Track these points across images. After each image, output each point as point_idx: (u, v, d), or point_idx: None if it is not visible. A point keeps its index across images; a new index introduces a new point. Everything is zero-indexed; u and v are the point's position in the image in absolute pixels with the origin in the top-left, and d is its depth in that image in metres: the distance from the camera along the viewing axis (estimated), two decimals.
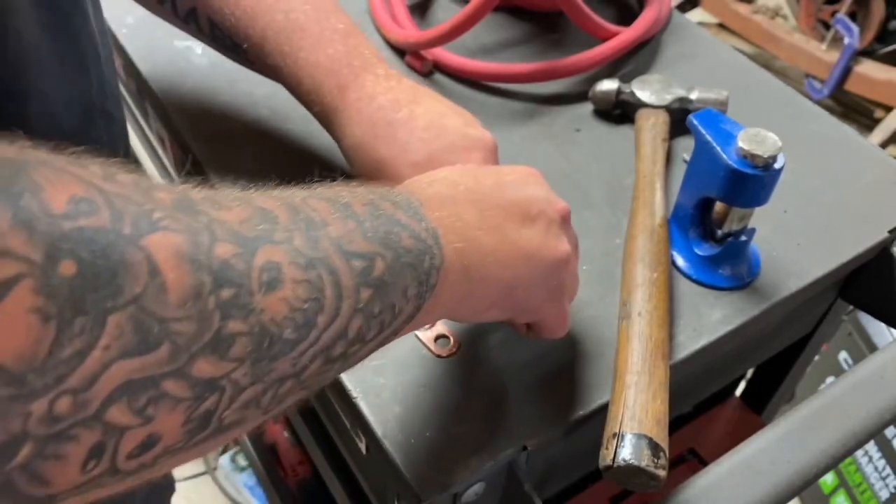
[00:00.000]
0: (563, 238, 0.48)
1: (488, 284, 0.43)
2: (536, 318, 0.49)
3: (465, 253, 0.41)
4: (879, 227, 0.69)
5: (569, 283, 0.49)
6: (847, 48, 2.32)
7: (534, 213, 0.46)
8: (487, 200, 0.44)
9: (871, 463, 1.41)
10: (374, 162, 0.55)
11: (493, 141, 0.55)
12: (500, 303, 0.45)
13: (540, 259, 0.45)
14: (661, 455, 0.47)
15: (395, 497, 0.55)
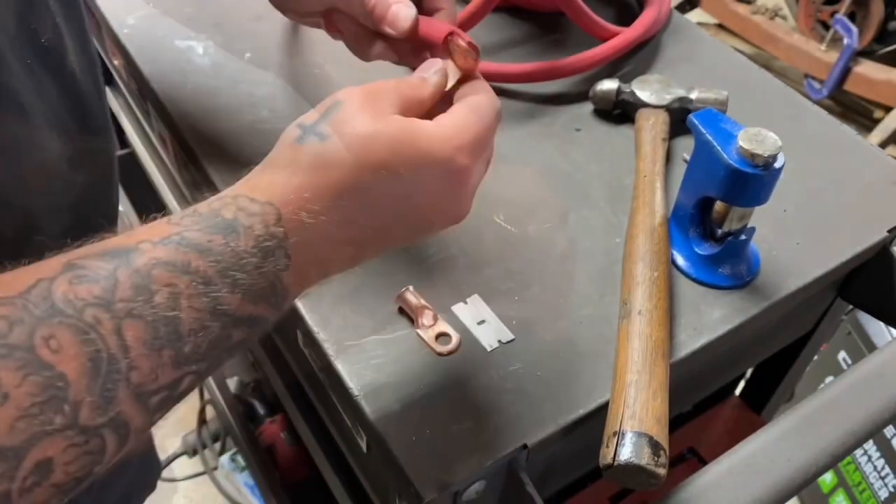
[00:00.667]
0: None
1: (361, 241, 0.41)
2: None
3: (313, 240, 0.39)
4: (878, 226, 0.69)
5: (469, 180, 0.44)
6: (846, 48, 2.33)
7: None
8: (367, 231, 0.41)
9: (870, 462, 1.41)
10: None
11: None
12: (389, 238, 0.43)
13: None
14: (662, 454, 0.47)
15: (396, 495, 0.55)
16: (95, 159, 0.53)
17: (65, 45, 0.48)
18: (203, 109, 0.74)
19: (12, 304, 0.29)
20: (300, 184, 0.38)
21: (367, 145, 0.39)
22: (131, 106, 1.05)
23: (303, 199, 0.37)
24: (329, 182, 0.38)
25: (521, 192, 0.70)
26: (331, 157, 0.38)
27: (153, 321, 0.32)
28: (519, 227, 0.66)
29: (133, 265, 0.32)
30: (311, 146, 0.39)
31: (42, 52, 0.46)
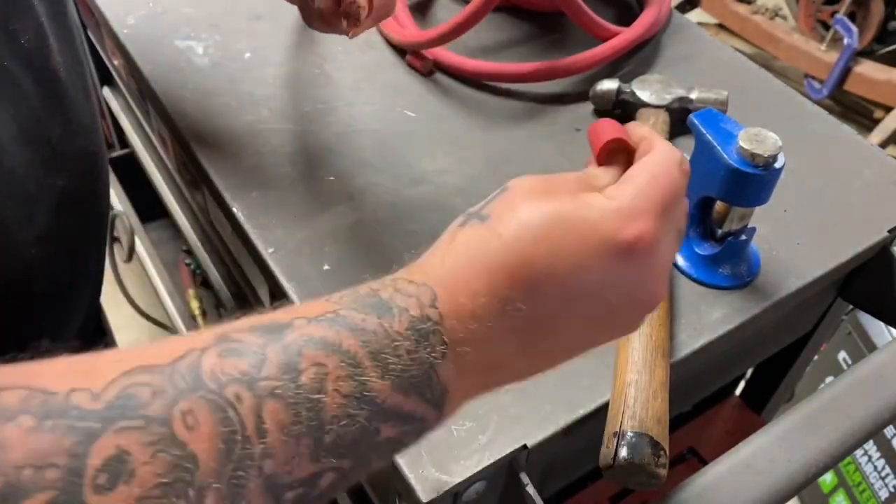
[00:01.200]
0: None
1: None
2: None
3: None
4: (879, 226, 0.69)
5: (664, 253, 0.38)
6: (846, 48, 2.32)
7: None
8: (545, 333, 0.36)
9: (870, 462, 1.41)
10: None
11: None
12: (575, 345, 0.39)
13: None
14: (662, 454, 0.47)
15: (397, 496, 0.55)
16: (79, 162, 0.51)
17: (49, 45, 0.47)
18: (203, 109, 0.74)
19: (161, 373, 0.28)
20: (455, 263, 0.35)
21: (526, 221, 0.35)
22: (131, 106, 1.05)
23: (458, 280, 0.35)
24: (485, 260, 0.35)
25: None
26: (488, 235, 0.35)
27: (295, 403, 0.29)
28: None
29: (283, 341, 0.31)
30: (471, 228, 0.36)
31: (22, 52, 0.45)
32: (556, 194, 0.37)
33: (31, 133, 0.45)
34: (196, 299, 1.43)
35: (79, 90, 0.51)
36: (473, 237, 0.36)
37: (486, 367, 0.35)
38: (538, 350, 0.37)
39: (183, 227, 1.09)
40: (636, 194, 0.36)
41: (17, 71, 0.44)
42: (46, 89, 0.46)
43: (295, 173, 0.69)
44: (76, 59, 0.52)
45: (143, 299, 1.64)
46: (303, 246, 0.63)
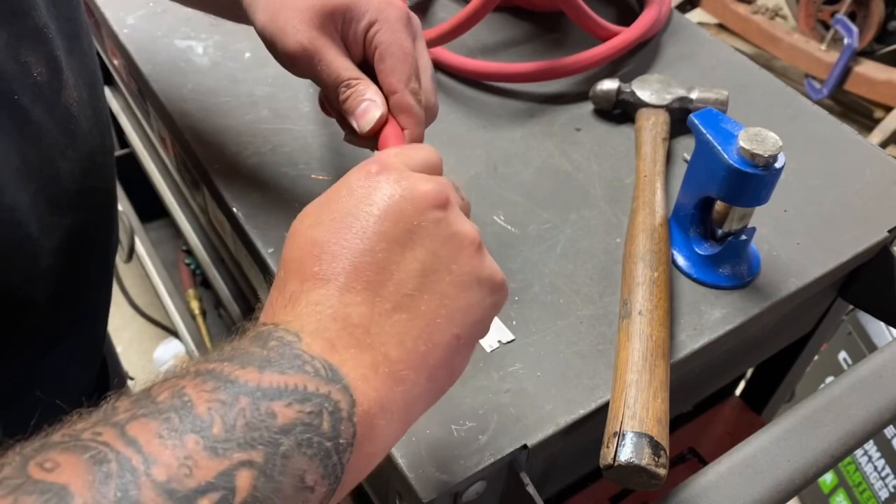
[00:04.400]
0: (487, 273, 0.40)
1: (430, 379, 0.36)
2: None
3: (385, 377, 0.34)
4: (879, 226, 0.69)
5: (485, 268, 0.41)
6: (846, 48, 2.32)
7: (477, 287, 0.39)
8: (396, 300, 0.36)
9: (870, 462, 1.41)
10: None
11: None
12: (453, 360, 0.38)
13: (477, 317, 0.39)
14: (662, 454, 0.47)
15: (397, 496, 0.55)
16: (89, 199, 0.50)
17: (63, 79, 0.46)
18: (203, 109, 0.74)
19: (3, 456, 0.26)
20: (269, 300, 0.37)
21: (296, 224, 0.38)
22: (131, 106, 1.05)
23: (271, 305, 0.36)
24: (284, 267, 0.37)
25: (521, 192, 0.69)
26: (284, 253, 0.38)
27: (159, 411, 0.28)
28: (519, 227, 0.66)
29: (132, 396, 0.29)
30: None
31: (35, 86, 0.43)
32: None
33: (36, 169, 0.43)
34: (196, 299, 1.43)
35: (93, 125, 0.49)
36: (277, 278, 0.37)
37: (354, 336, 0.34)
38: (392, 299, 0.36)
39: (183, 227, 1.09)
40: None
41: (27, 104, 0.42)
42: (58, 124, 0.45)
43: (295, 173, 0.69)
44: (93, 93, 0.50)
45: (143, 299, 1.64)
46: None
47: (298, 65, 0.52)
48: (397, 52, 0.50)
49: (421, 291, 0.36)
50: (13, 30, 0.42)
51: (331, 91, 0.51)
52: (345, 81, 0.50)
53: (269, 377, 0.30)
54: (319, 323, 0.34)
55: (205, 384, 0.29)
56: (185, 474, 0.26)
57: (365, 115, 0.50)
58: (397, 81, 0.50)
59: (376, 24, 0.51)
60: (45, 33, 0.44)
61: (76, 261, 0.49)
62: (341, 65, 0.51)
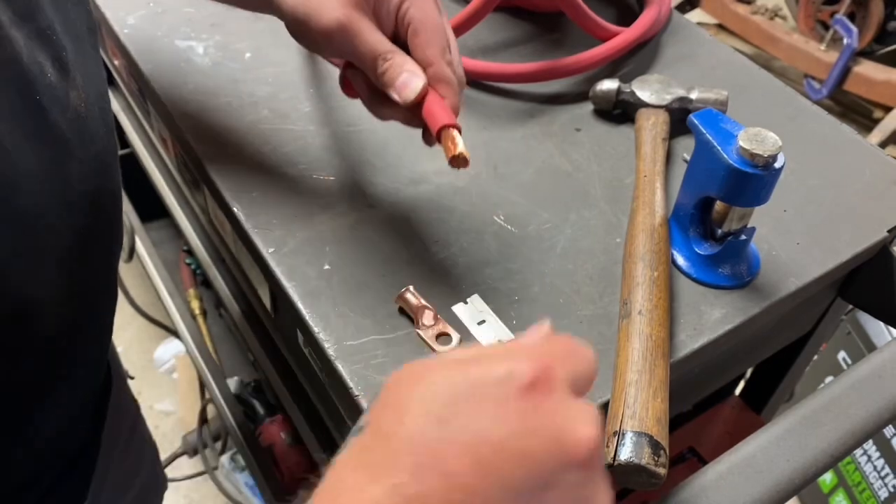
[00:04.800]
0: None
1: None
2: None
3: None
4: (878, 226, 0.69)
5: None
6: (846, 49, 2.33)
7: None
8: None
9: (869, 462, 1.41)
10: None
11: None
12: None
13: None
14: (662, 453, 0.47)
15: None
16: (97, 200, 0.49)
17: (71, 79, 0.46)
18: (203, 109, 0.74)
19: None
20: (337, 475, 0.30)
21: (406, 379, 0.31)
22: (131, 106, 1.05)
23: (344, 490, 0.28)
24: (370, 453, 0.29)
25: (521, 192, 0.70)
26: (371, 426, 0.30)
27: None
28: (519, 227, 0.67)
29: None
30: (349, 444, 0.31)
31: (49, 87, 0.43)
32: (441, 366, 0.31)
33: (49, 171, 0.43)
34: (196, 299, 1.43)
35: (99, 126, 0.50)
36: (352, 448, 0.30)
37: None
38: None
39: (183, 227, 1.09)
40: (535, 341, 0.33)
41: (46, 105, 0.43)
42: (69, 125, 0.45)
43: (295, 173, 0.69)
44: (99, 94, 0.51)
45: (144, 299, 1.64)
46: (303, 246, 0.63)
47: (333, 41, 0.53)
48: (431, 26, 0.52)
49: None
50: (25, 31, 0.42)
51: (368, 65, 0.52)
52: (381, 55, 0.52)
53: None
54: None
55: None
56: None
57: (407, 85, 0.51)
58: (433, 54, 0.52)
59: (407, 1, 0.53)
60: (50, 35, 0.44)
61: (83, 262, 0.49)
62: (378, 39, 0.52)
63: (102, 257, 0.54)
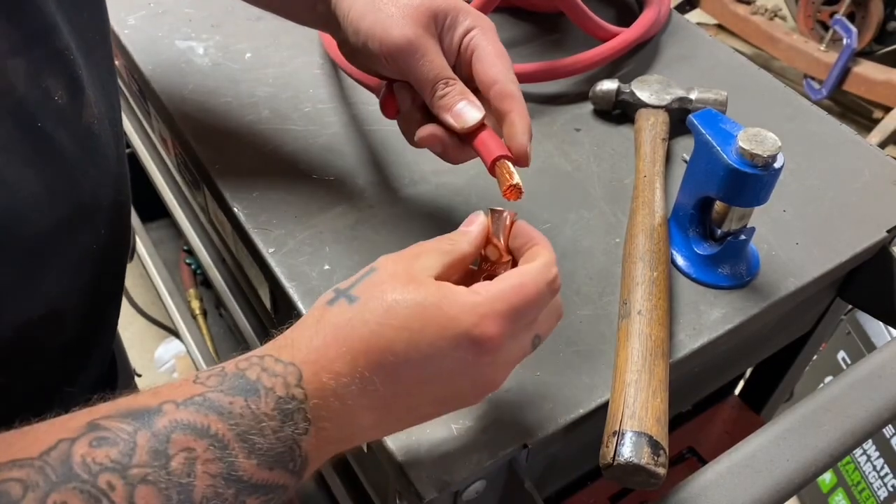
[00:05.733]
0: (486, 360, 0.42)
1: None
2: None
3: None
4: (878, 226, 0.69)
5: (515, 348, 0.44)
6: (846, 49, 2.33)
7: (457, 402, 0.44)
8: (400, 405, 0.40)
9: (869, 462, 1.41)
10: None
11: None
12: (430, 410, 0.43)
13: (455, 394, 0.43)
14: (661, 453, 0.47)
15: (397, 495, 0.55)
16: (107, 213, 0.49)
17: (84, 98, 0.46)
18: (203, 109, 0.74)
19: (30, 467, 0.29)
20: (322, 343, 0.38)
21: (390, 308, 0.38)
22: (131, 106, 1.05)
23: (324, 360, 0.37)
24: (350, 343, 0.38)
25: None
26: (355, 318, 0.38)
27: (166, 488, 0.31)
28: None
29: (153, 428, 0.32)
30: (339, 307, 0.39)
31: (56, 109, 0.43)
32: (422, 282, 0.40)
33: (61, 192, 0.44)
34: (196, 299, 1.44)
35: (109, 137, 0.49)
36: (341, 318, 0.39)
37: (343, 438, 0.39)
38: (390, 421, 0.41)
39: (183, 227, 1.09)
40: (497, 297, 0.40)
41: (49, 129, 0.43)
42: (79, 144, 0.45)
43: (295, 173, 0.69)
44: (110, 104, 0.51)
45: (144, 299, 1.64)
46: (303, 246, 0.63)
47: (398, 59, 0.53)
48: (496, 52, 0.53)
49: (426, 406, 0.42)
50: (34, 55, 0.41)
51: (427, 87, 0.53)
52: (444, 79, 0.52)
53: (260, 473, 0.34)
54: (332, 427, 0.37)
55: (213, 463, 0.33)
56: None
57: (464, 112, 0.52)
58: (498, 73, 0.52)
59: (474, 30, 0.54)
60: (67, 55, 0.44)
61: (91, 275, 0.49)
62: (442, 63, 0.53)
63: (114, 265, 0.54)
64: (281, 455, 0.35)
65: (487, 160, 0.51)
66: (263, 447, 0.34)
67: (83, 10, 0.47)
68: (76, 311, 0.48)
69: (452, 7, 0.53)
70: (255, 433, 0.34)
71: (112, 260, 0.53)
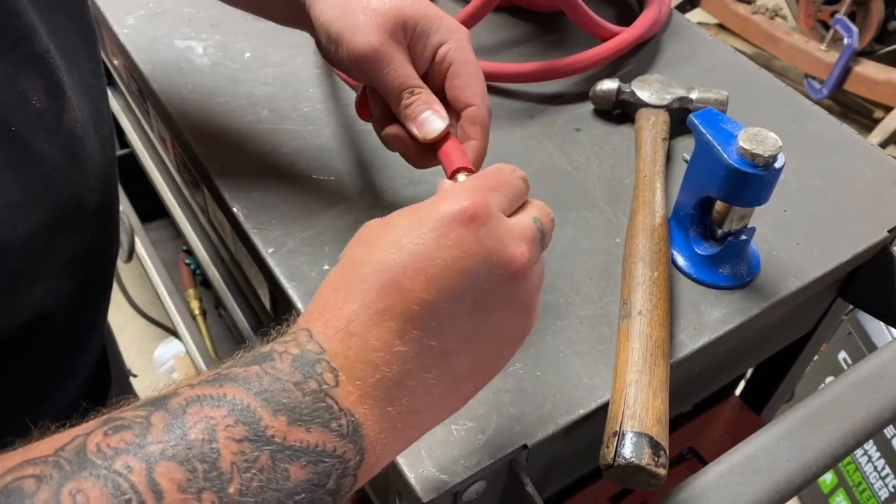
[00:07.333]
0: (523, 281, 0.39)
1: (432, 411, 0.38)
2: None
3: (398, 419, 0.35)
4: (879, 226, 0.69)
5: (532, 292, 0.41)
6: (846, 48, 2.33)
7: (488, 296, 0.38)
8: (428, 315, 0.36)
9: (870, 462, 1.41)
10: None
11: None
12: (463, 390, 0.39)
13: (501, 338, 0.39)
14: (662, 454, 0.47)
15: (397, 496, 0.55)
16: (92, 217, 0.49)
17: (65, 101, 0.45)
18: (203, 109, 0.74)
19: (45, 463, 0.28)
20: (322, 300, 0.36)
21: (374, 239, 0.37)
22: (131, 106, 1.05)
23: (330, 311, 0.35)
24: (349, 285, 0.36)
25: None
26: (343, 268, 0.37)
27: (188, 460, 0.29)
28: None
29: (168, 406, 0.31)
30: (329, 273, 0.38)
31: (33, 114, 0.42)
32: (398, 214, 0.39)
33: (39, 197, 0.43)
34: (196, 299, 1.43)
35: (94, 141, 0.49)
36: (332, 276, 0.38)
37: (389, 388, 0.35)
38: (434, 352, 0.36)
39: (183, 227, 1.09)
40: (471, 180, 0.41)
41: (26, 134, 0.42)
42: (60, 148, 0.44)
43: (295, 173, 0.69)
44: (95, 107, 0.50)
45: (143, 299, 1.64)
46: (303, 246, 0.63)
47: (362, 66, 0.52)
48: (472, 70, 0.53)
49: (464, 352, 0.37)
50: (9, 59, 0.41)
51: (393, 96, 0.52)
52: (409, 88, 0.52)
53: (294, 433, 0.31)
54: (363, 368, 0.34)
55: (235, 428, 0.30)
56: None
57: (428, 123, 0.52)
58: (473, 95, 0.52)
59: (448, 42, 0.53)
60: (46, 58, 0.43)
61: (78, 277, 0.48)
62: (408, 72, 0.52)
63: (103, 267, 0.53)
64: (316, 412, 0.32)
65: (448, 170, 0.51)
66: (290, 403, 0.32)
67: (59, 13, 0.47)
68: (64, 314, 0.47)
69: (423, 14, 0.53)
70: (277, 389, 0.32)
71: (100, 262, 0.52)
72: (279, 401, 0.32)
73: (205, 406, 0.30)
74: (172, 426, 0.30)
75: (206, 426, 0.30)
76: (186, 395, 0.31)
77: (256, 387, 0.32)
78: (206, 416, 0.30)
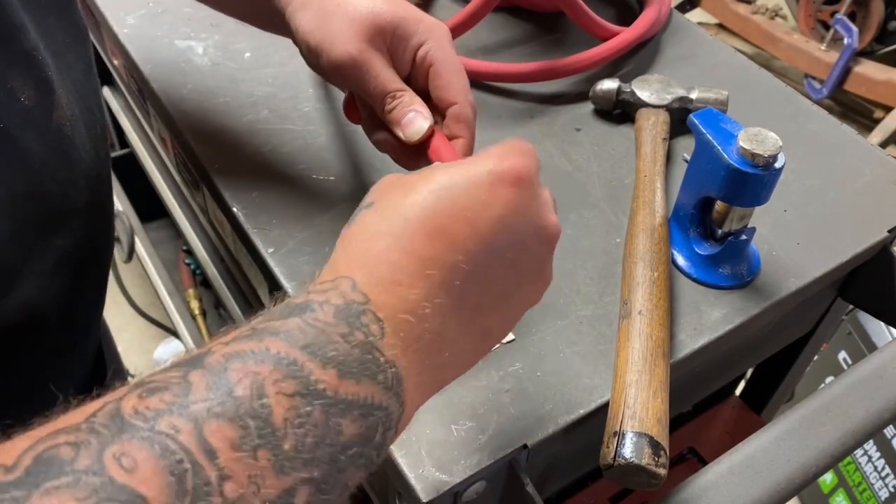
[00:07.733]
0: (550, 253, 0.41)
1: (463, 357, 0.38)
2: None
3: (434, 370, 0.35)
4: (879, 226, 0.69)
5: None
6: (846, 48, 2.33)
7: (524, 259, 0.39)
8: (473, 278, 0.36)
9: (870, 462, 1.41)
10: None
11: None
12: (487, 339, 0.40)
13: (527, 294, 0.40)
14: (662, 454, 0.47)
15: (396, 496, 0.55)
16: (83, 216, 0.48)
17: (54, 100, 0.44)
18: (203, 109, 0.74)
19: (78, 430, 0.26)
20: (361, 247, 0.35)
21: (413, 185, 0.37)
22: (131, 106, 1.05)
23: (371, 257, 0.34)
24: (390, 230, 0.35)
25: None
26: (381, 212, 0.36)
27: (238, 417, 0.27)
28: None
29: (205, 365, 0.29)
30: (360, 217, 0.37)
31: (22, 111, 0.42)
32: (433, 168, 0.39)
33: (24, 196, 0.42)
34: (196, 299, 1.43)
35: (85, 140, 0.48)
36: (368, 221, 0.36)
37: (429, 341, 0.34)
38: (470, 306, 0.36)
39: (183, 227, 1.09)
40: (509, 144, 0.40)
41: (14, 131, 0.41)
42: (49, 146, 0.44)
43: (295, 173, 0.69)
44: (86, 106, 0.50)
45: (143, 299, 1.64)
46: (303, 246, 0.63)
47: (343, 75, 0.53)
48: (453, 68, 0.53)
49: (497, 309, 0.38)
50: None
51: (376, 102, 0.53)
52: (391, 93, 0.52)
53: (345, 386, 0.30)
54: (407, 319, 0.34)
55: (285, 382, 0.29)
56: (252, 492, 0.26)
57: (411, 124, 0.52)
58: (456, 94, 0.52)
59: (427, 42, 0.53)
60: (35, 56, 0.43)
61: (70, 276, 0.48)
62: (388, 76, 0.52)
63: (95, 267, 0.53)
64: (364, 365, 0.31)
65: None
66: (338, 356, 0.30)
67: (49, 13, 0.47)
68: (57, 313, 0.47)
69: (402, 17, 0.53)
70: (324, 342, 0.30)
71: (93, 261, 0.52)
72: (326, 354, 0.30)
73: (247, 362, 0.29)
74: (216, 384, 0.28)
75: (254, 381, 0.28)
76: (223, 352, 0.29)
77: (301, 340, 0.30)
78: (252, 371, 0.28)
